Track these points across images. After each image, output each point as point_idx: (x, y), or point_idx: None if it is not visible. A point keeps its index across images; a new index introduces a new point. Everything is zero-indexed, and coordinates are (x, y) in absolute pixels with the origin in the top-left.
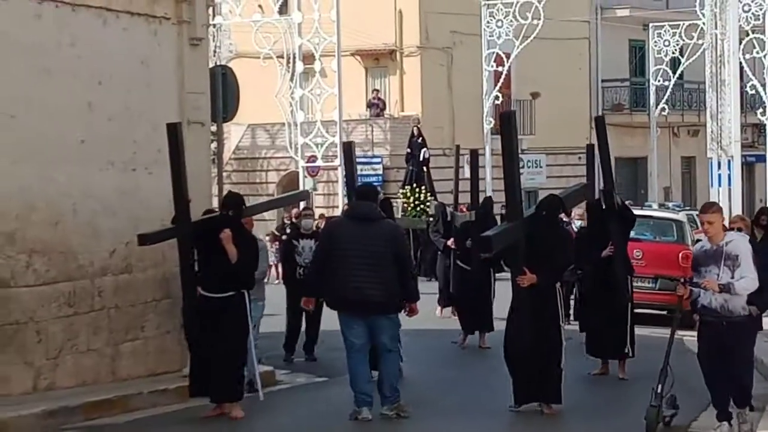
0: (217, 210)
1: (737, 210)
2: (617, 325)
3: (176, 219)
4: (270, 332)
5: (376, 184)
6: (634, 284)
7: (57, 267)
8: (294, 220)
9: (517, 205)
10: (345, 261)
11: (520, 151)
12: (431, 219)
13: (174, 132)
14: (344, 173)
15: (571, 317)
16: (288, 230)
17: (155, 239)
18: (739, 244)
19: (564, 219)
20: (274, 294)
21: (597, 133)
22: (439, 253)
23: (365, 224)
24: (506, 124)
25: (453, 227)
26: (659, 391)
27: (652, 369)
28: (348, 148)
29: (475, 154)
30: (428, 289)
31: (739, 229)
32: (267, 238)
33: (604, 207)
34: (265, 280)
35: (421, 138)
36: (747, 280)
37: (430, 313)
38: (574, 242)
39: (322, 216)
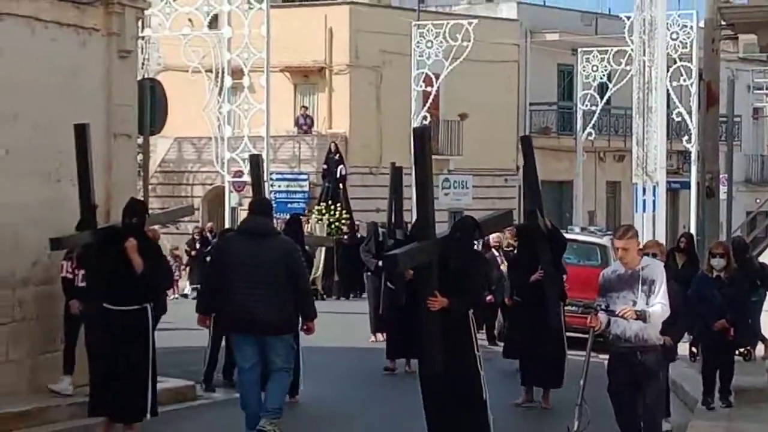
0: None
1: (662, 237)
2: (551, 354)
3: (81, 225)
4: (190, 347)
5: (302, 200)
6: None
7: None
8: (206, 234)
9: (429, 224)
10: (235, 278)
11: (447, 171)
12: (345, 237)
13: (82, 134)
14: (252, 186)
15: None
16: (198, 246)
17: (68, 244)
18: (656, 269)
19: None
20: (183, 309)
21: (523, 152)
22: (369, 274)
23: (257, 240)
24: (419, 139)
25: (385, 247)
26: (575, 429)
27: (574, 396)
28: (255, 160)
29: (398, 171)
30: (356, 308)
31: (654, 255)
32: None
33: (531, 230)
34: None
35: (338, 155)
36: (660, 306)
37: (354, 330)
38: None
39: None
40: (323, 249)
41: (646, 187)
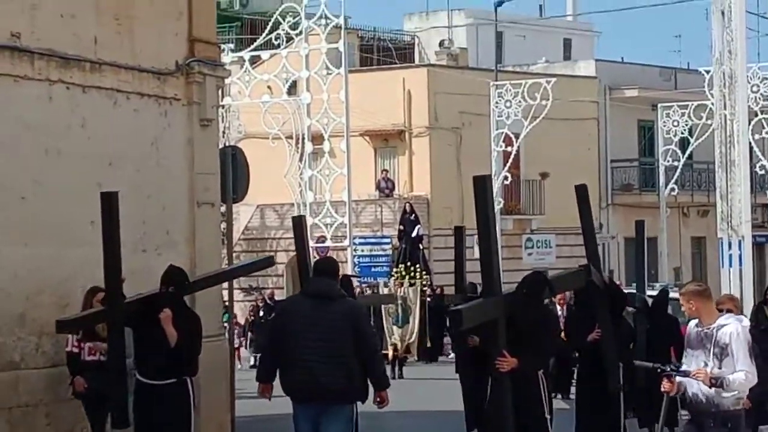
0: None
1: (749, 291)
2: (608, 417)
3: (106, 299)
4: (275, 414)
5: (385, 264)
6: None
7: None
8: (268, 301)
9: (494, 279)
10: (298, 342)
11: (530, 231)
12: (429, 299)
13: (108, 201)
14: (296, 248)
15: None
16: (261, 312)
17: (75, 326)
18: (731, 330)
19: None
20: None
21: (578, 202)
22: None
23: (321, 302)
24: (481, 188)
25: None
26: None
27: None
28: (298, 221)
29: (458, 231)
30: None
31: (729, 311)
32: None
33: (589, 286)
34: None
35: (413, 215)
36: (744, 374)
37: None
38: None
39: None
40: (417, 313)
41: (731, 241)
